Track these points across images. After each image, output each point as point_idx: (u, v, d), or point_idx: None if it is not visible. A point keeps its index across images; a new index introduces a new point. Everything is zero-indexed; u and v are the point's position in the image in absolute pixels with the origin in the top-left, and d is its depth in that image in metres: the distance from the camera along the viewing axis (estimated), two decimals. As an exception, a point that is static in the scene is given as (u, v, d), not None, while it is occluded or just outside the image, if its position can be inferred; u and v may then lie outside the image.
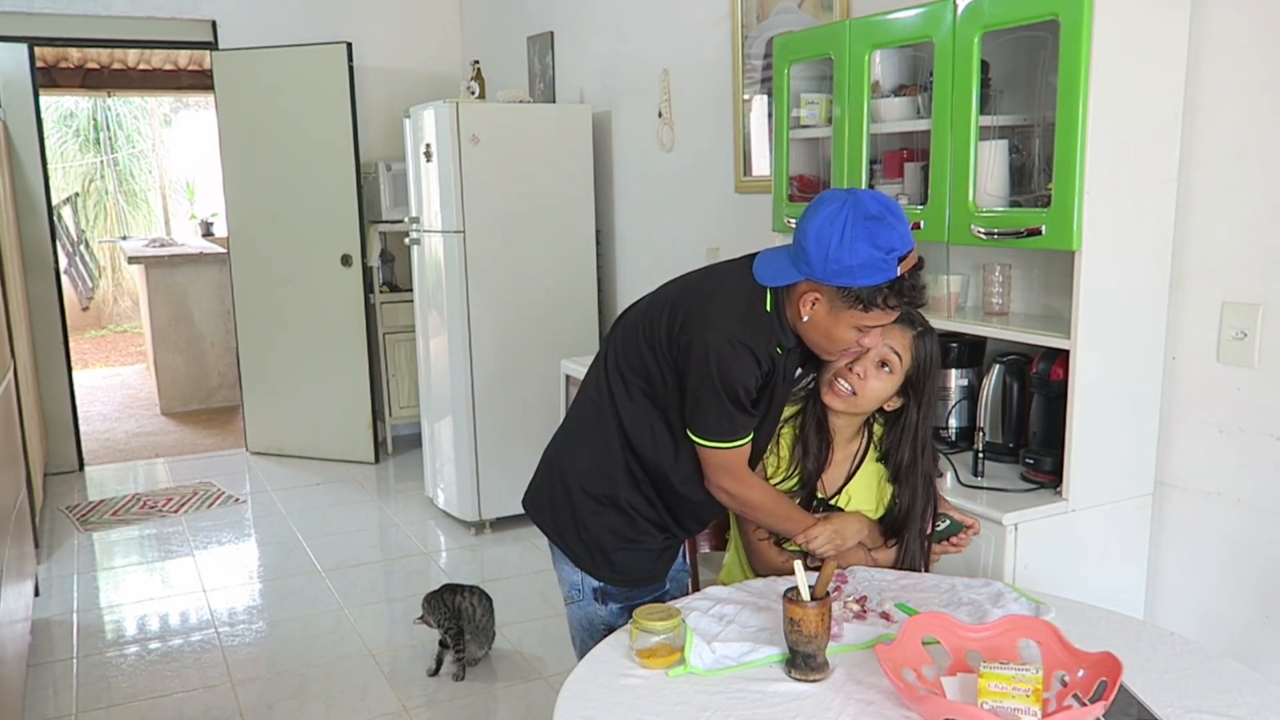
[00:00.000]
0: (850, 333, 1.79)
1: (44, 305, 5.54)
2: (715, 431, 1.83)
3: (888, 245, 1.68)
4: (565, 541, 2.01)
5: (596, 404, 1.99)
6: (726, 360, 1.78)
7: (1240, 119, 2.13)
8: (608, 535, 1.97)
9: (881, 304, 1.73)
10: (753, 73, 3.62)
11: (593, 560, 1.99)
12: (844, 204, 1.71)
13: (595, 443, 1.98)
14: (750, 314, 1.82)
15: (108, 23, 5.42)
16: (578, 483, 1.99)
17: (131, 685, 3.26)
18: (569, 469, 2.01)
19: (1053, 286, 2.50)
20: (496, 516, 4.50)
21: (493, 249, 4.36)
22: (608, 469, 1.96)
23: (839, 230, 1.68)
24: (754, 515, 1.96)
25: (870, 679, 1.52)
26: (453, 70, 6.02)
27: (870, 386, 1.92)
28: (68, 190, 11.56)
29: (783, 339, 1.84)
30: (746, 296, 1.83)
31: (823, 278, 1.72)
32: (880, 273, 1.69)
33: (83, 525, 4.79)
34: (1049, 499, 2.23)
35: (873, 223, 1.68)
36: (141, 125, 12.46)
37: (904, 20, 2.45)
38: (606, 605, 2.00)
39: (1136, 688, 1.47)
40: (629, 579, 1.99)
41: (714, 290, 1.87)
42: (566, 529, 2.01)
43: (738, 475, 1.89)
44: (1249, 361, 2.16)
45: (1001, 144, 2.35)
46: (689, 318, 1.83)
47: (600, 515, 1.97)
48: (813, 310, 1.78)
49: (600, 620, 2.00)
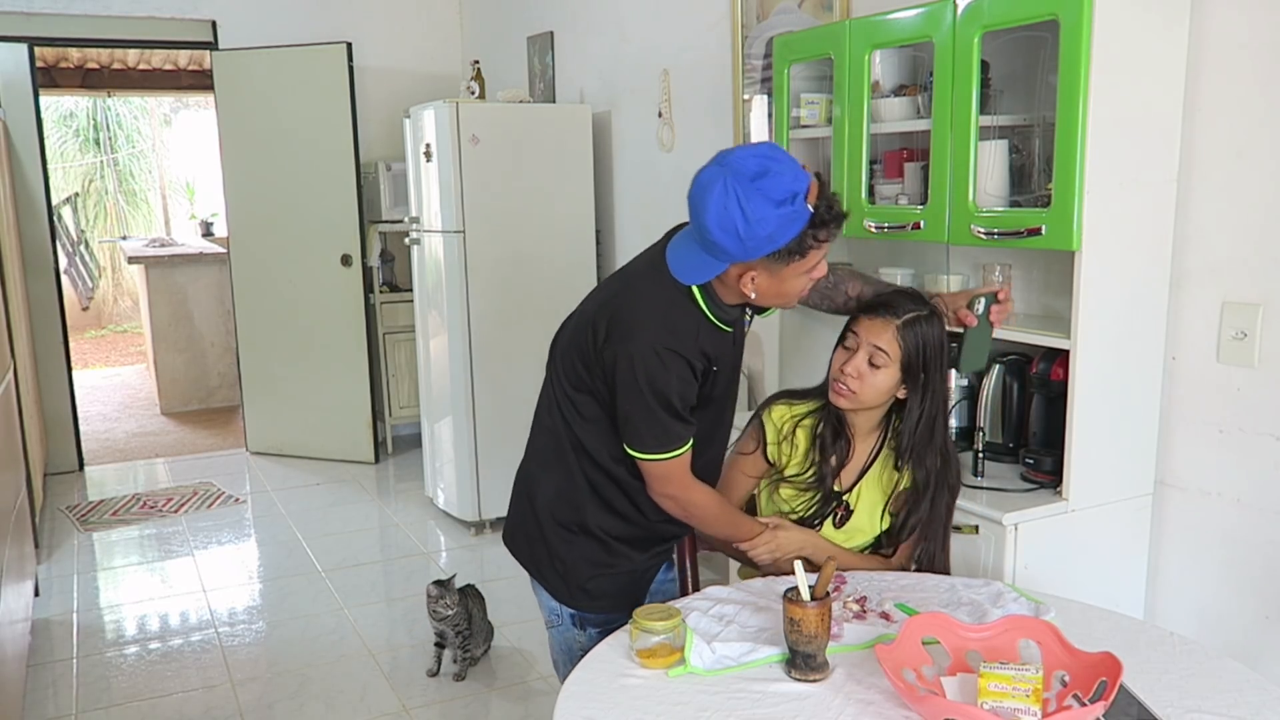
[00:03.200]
0: (801, 279, 1.77)
1: (44, 305, 5.54)
2: (652, 444, 1.80)
3: (787, 194, 1.62)
4: (541, 573, 2.00)
5: (552, 431, 1.95)
6: (654, 370, 1.74)
7: (1240, 119, 2.13)
8: (583, 564, 1.95)
9: (814, 244, 1.69)
10: (753, 73, 3.62)
11: (569, 591, 1.97)
12: (724, 180, 1.63)
13: (557, 470, 1.95)
14: (673, 315, 1.77)
15: (108, 23, 5.42)
16: (546, 513, 1.97)
17: (131, 685, 3.26)
18: (537, 500, 1.99)
19: (1053, 286, 2.50)
20: (496, 516, 4.49)
21: (493, 249, 4.36)
22: (572, 496, 1.94)
23: (735, 207, 1.61)
24: (700, 522, 1.94)
25: (870, 679, 1.52)
26: (453, 70, 6.02)
27: (868, 383, 1.93)
28: (68, 190, 11.56)
29: (722, 314, 1.80)
30: (668, 297, 1.78)
31: (747, 256, 1.68)
32: (795, 223, 1.65)
33: (83, 525, 4.79)
34: (1049, 499, 2.23)
35: (760, 181, 1.61)
36: (141, 125, 12.45)
37: (904, 20, 2.45)
38: (585, 630, 1.98)
39: (1136, 688, 1.46)
40: (606, 605, 1.96)
41: (632, 299, 1.81)
42: (541, 560, 1.99)
43: (681, 483, 1.86)
44: (1249, 361, 2.16)
45: (1001, 144, 2.35)
46: (610, 330, 1.78)
47: (573, 544, 1.95)
48: (755, 285, 1.74)
49: (579, 645, 1.97)
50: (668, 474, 1.84)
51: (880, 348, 1.92)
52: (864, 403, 1.96)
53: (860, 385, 1.93)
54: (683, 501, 1.89)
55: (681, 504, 1.89)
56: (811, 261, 1.74)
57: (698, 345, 1.78)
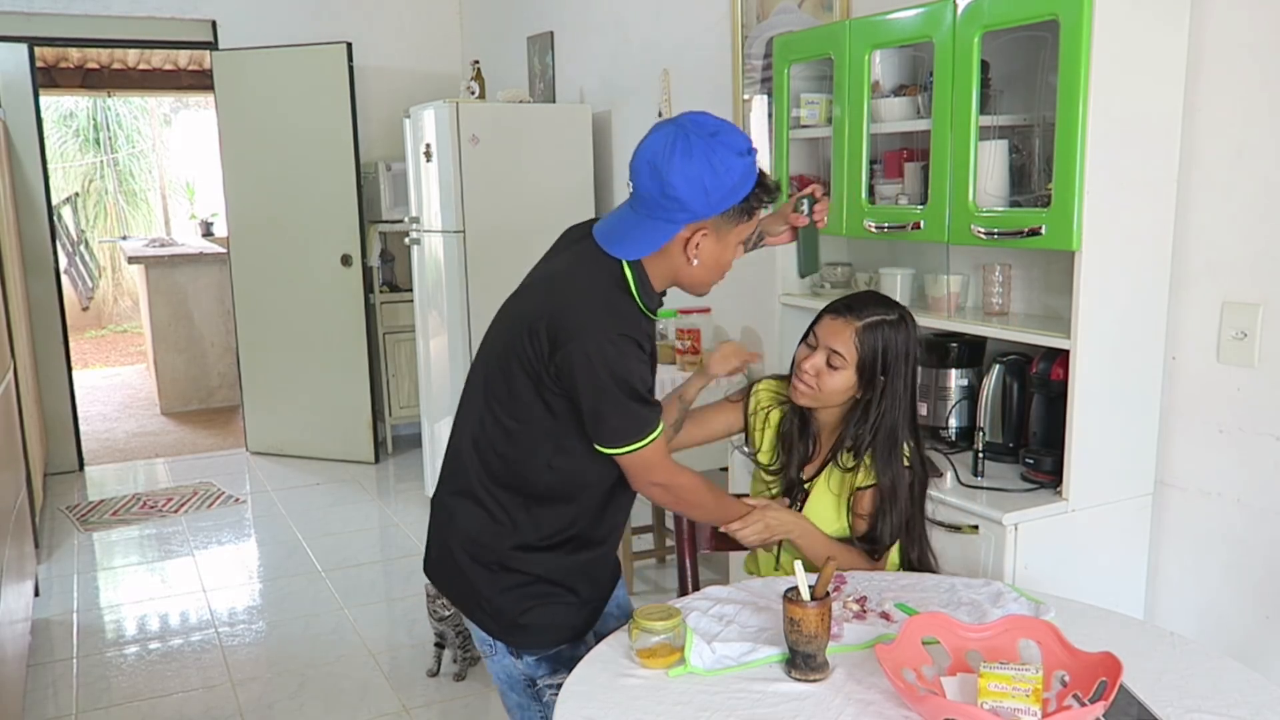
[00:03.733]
0: (735, 251, 1.77)
1: (44, 305, 5.55)
2: (626, 435, 1.72)
3: (744, 147, 1.66)
4: (469, 611, 1.86)
5: (470, 459, 1.82)
6: (612, 359, 1.68)
7: (1240, 119, 2.13)
8: (512, 601, 1.81)
9: (758, 205, 1.71)
10: (753, 73, 3.62)
11: (501, 629, 1.83)
12: (686, 137, 1.64)
13: (473, 503, 1.81)
14: (614, 298, 1.73)
15: (108, 23, 5.42)
16: (463, 551, 1.83)
17: (131, 685, 3.26)
18: (453, 535, 1.85)
19: (1053, 286, 2.50)
20: (496, 516, 4.49)
21: (493, 249, 4.36)
22: (493, 531, 1.80)
23: (703, 160, 1.63)
24: (690, 507, 1.89)
25: (870, 679, 1.52)
26: (453, 70, 6.02)
27: (825, 383, 1.95)
28: (68, 190, 11.56)
29: (649, 299, 1.76)
30: (605, 281, 1.73)
31: (709, 212, 1.67)
32: (751, 175, 1.68)
33: (83, 525, 4.79)
34: (1049, 499, 2.23)
35: (721, 134, 1.65)
36: (141, 125, 12.46)
37: (904, 20, 2.45)
38: (522, 658, 1.85)
39: (1136, 688, 1.46)
40: (547, 640, 1.83)
41: (570, 296, 1.74)
42: (467, 597, 1.85)
43: (665, 469, 1.79)
44: (1249, 361, 2.16)
45: (1001, 144, 2.34)
46: (557, 334, 1.69)
47: (496, 582, 1.81)
48: (699, 250, 1.71)
49: (520, 673, 1.86)
50: (649, 462, 1.76)
51: (837, 350, 1.93)
52: (822, 401, 1.99)
53: (818, 384, 1.96)
54: (671, 488, 1.81)
55: (670, 490, 1.82)
56: (752, 227, 1.76)
57: (643, 328, 1.74)
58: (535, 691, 1.88)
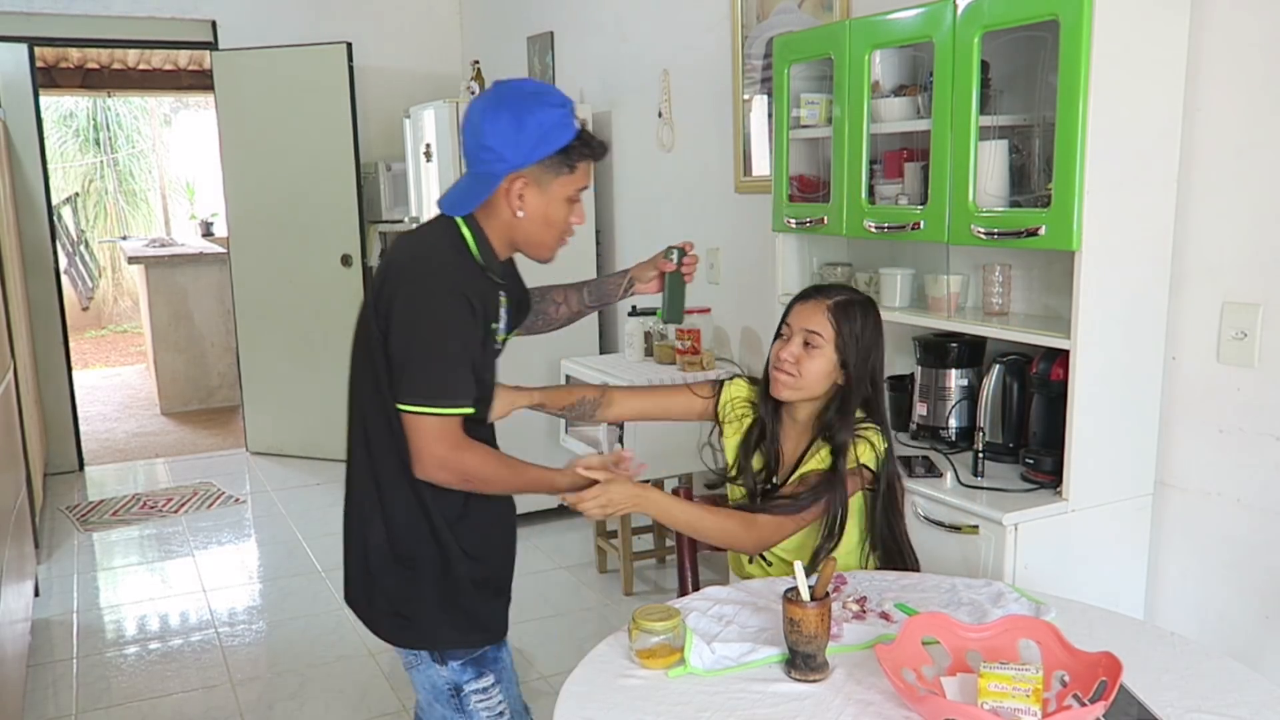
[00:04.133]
0: (564, 208, 1.76)
1: (44, 305, 5.55)
2: (426, 392, 1.64)
3: (559, 101, 1.71)
4: (384, 626, 1.85)
5: (363, 472, 1.82)
6: (433, 307, 1.65)
7: (1240, 119, 2.13)
8: (427, 602, 1.79)
9: (580, 157, 1.72)
10: (753, 73, 3.62)
11: (424, 636, 1.81)
12: (500, 96, 1.70)
13: (375, 511, 1.81)
14: (445, 254, 1.72)
15: (108, 23, 5.42)
16: (377, 558, 1.81)
17: (131, 685, 3.26)
18: (365, 548, 1.83)
19: (1053, 286, 2.50)
20: (496, 516, 4.49)
21: (493, 249, 4.35)
22: (400, 533, 1.79)
23: (510, 112, 1.67)
24: (482, 484, 1.76)
25: (870, 679, 1.52)
26: (453, 70, 6.02)
27: (805, 368, 1.95)
28: (68, 190, 11.56)
29: (491, 262, 1.76)
30: (438, 239, 1.75)
31: (523, 159, 1.69)
32: (567, 126, 1.70)
33: (83, 525, 4.79)
34: (1049, 499, 2.23)
35: (537, 93, 1.70)
36: (141, 125, 12.46)
37: (904, 20, 2.45)
38: (447, 664, 1.83)
39: (1136, 688, 1.46)
40: (476, 640, 1.83)
41: (406, 250, 1.76)
42: (382, 610, 1.83)
43: (453, 443, 1.68)
44: (1249, 361, 2.16)
45: (1001, 144, 2.34)
46: (392, 289, 1.69)
47: (412, 583, 1.79)
48: (523, 201, 1.72)
49: (445, 681, 1.84)
50: (441, 432, 1.66)
51: (813, 330, 1.95)
52: (805, 389, 1.97)
53: (798, 370, 1.95)
54: (454, 464, 1.69)
55: (455, 468, 1.70)
56: (576, 181, 1.75)
57: (478, 289, 1.71)
58: (460, 701, 1.83)
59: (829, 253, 3.04)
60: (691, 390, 2.17)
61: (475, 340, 1.72)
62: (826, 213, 2.77)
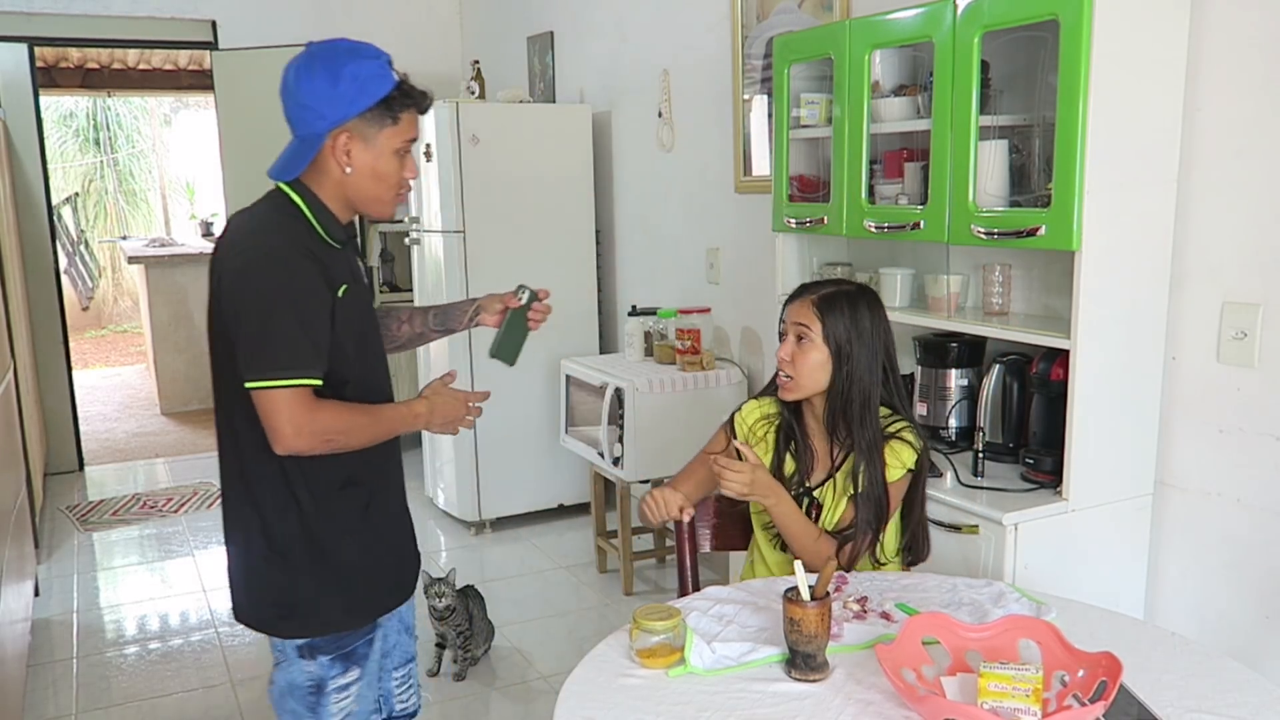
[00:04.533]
0: (393, 160, 1.73)
1: (44, 305, 5.54)
2: (268, 366, 1.60)
3: (374, 54, 1.70)
4: (269, 621, 1.82)
5: (238, 464, 1.80)
6: (268, 274, 1.62)
7: (1240, 119, 2.13)
8: (299, 584, 1.77)
9: (402, 107, 1.70)
10: (753, 73, 3.62)
11: (310, 623, 1.78)
12: (312, 55, 1.69)
13: (249, 507, 1.79)
14: (276, 220, 1.71)
15: (108, 23, 5.42)
16: (255, 552, 1.79)
17: (131, 685, 3.26)
18: (245, 546, 1.81)
19: (1053, 286, 2.50)
20: (496, 516, 4.49)
21: (493, 249, 4.36)
22: (273, 519, 1.76)
23: (326, 68, 1.67)
24: (346, 442, 1.70)
25: (870, 679, 1.52)
26: (453, 70, 6.02)
27: (800, 364, 1.97)
28: (68, 190, 11.55)
29: (330, 225, 1.73)
30: (268, 209, 1.73)
31: (342, 113, 1.67)
32: (385, 77, 1.68)
33: (83, 525, 4.79)
34: (1049, 499, 2.23)
35: (351, 49, 1.69)
36: (141, 125, 12.46)
37: (904, 20, 2.45)
38: (316, 659, 1.79)
39: (1136, 688, 1.46)
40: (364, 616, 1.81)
41: (235, 229, 1.74)
42: (265, 608, 1.81)
43: (304, 408, 1.63)
44: (1249, 361, 2.16)
45: (1001, 144, 2.35)
46: (221, 269, 1.68)
47: (285, 568, 1.77)
48: (350, 157, 1.70)
49: (305, 679, 1.80)
50: (289, 403, 1.62)
51: (801, 323, 1.97)
52: (804, 387, 1.98)
53: (795, 368, 1.97)
54: (308, 428, 1.63)
55: (311, 431, 1.64)
56: (401, 132, 1.72)
57: (308, 249, 1.68)
58: (317, 699, 1.80)
59: (829, 253, 3.04)
60: (712, 449, 2.15)
61: (316, 308, 1.66)
62: (826, 213, 2.77)
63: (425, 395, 1.83)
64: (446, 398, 1.84)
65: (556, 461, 4.56)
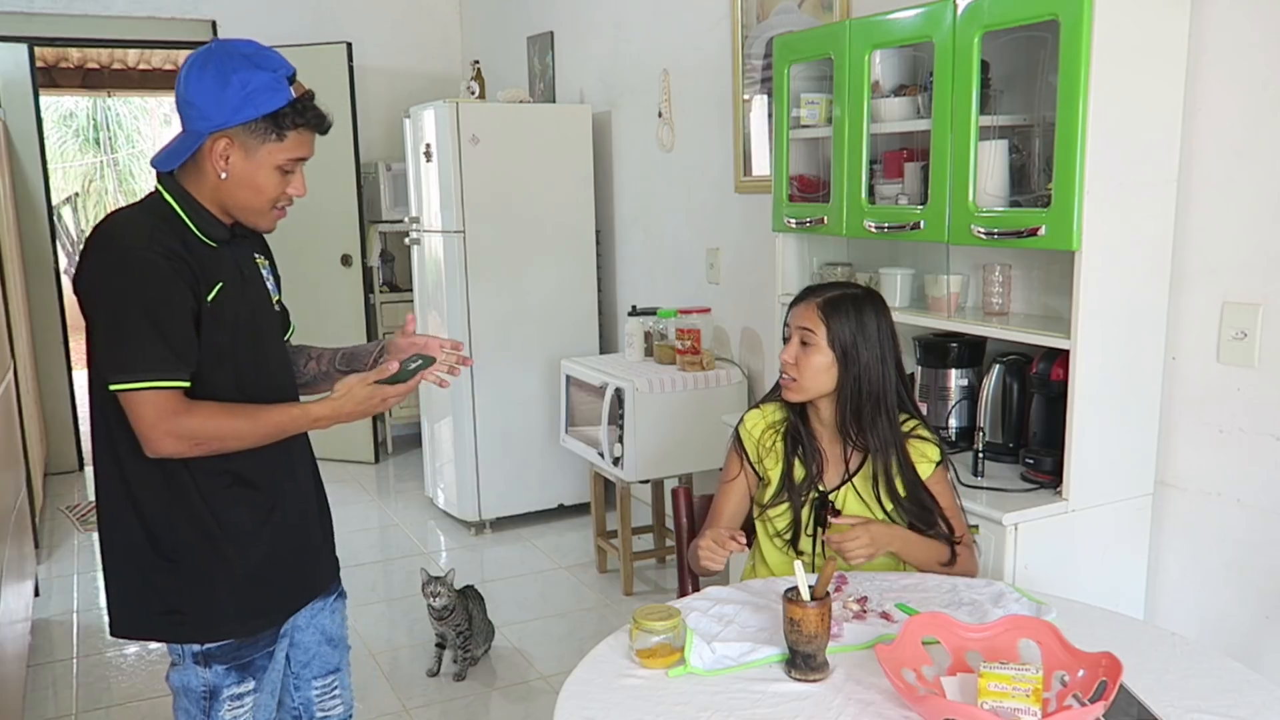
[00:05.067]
0: (273, 175, 1.67)
1: (44, 305, 5.54)
2: (129, 367, 1.57)
3: (272, 66, 1.64)
4: (158, 629, 1.77)
5: (115, 466, 1.72)
6: (113, 279, 1.58)
7: (1240, 119, 2.13)
8: (188, 589, 1.72)
9: (292, 125, 1.65)
10: (753, 73, 3.62)
11: (202, 627, 1.73)
12: (210, 53, 1.64)
13: (129, 511, 1.72)
14: (140, 221, 1.65)
15: (108, 23, 5.42)
16: (135, 556, 1.73)
17: (131, 685, 3.26)
18: (132, 551, 1.74)
19: (1053, 286, 2.50)
20: (496, 516, 4.50)
21: (493, 249, 4.36)
22: (165, 524, 1.71)
23: (218, 70, 1.62)
24: (221, 444, 1.65)
25: (870, 679, 1.52)
26: (453, 70, 6.02)
27: (804, 367, 1.95)
28: (68, 190, 11.57)
29: (204, 223, 1.67)
30: (140, 210, 1.68)
31: (225, 119, 1.62)
32: (277, 93, 1.63)
33: (83, 525, 4.79)
34: (1049, 499, 2.23)
35: (251, 56, 1.64)
36: (141, 125, 12.48)
37: (904, 20, 2.45)
38: (211, 666, 1.75)
39: (1137, 688, 1.46)
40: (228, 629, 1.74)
41: (99, 227, 1.68)
42: (155, 616, 1.75)
43: (172, 409, 1.59)
44: (1249, 361, 2.16)
45: (1001, 144, 2.35)
46: (78, 268, 1.63)
47: (173, 572, 1.71)
48: (228, 164, 1.65)
49: (200, 685, 1.76)
50: (154, 405, 1.58)
51: (805, 327, 1.96)
52: (808, 389, 1.97)
53: (799, 371, 1.96)
54: (178, 431, 1.59)
55: (180, 434, 1.60)
56: (287, 150, 1.66)
57: (175, 252, 1.62)
58: (211, 705, 1.77)
59: (829, 253, 3.04)
60: (728, 480, 2.10)
61: (171, 309, 1.61)
62: (826, 213, 2.77)
63: (336, 394, 1.71)
64: (360, 395, 1.71)
65: (556, 461, 4.56)
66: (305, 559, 1.89)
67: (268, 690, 1.83)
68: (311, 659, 1.96)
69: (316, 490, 1.96)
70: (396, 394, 1.74)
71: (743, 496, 2.09)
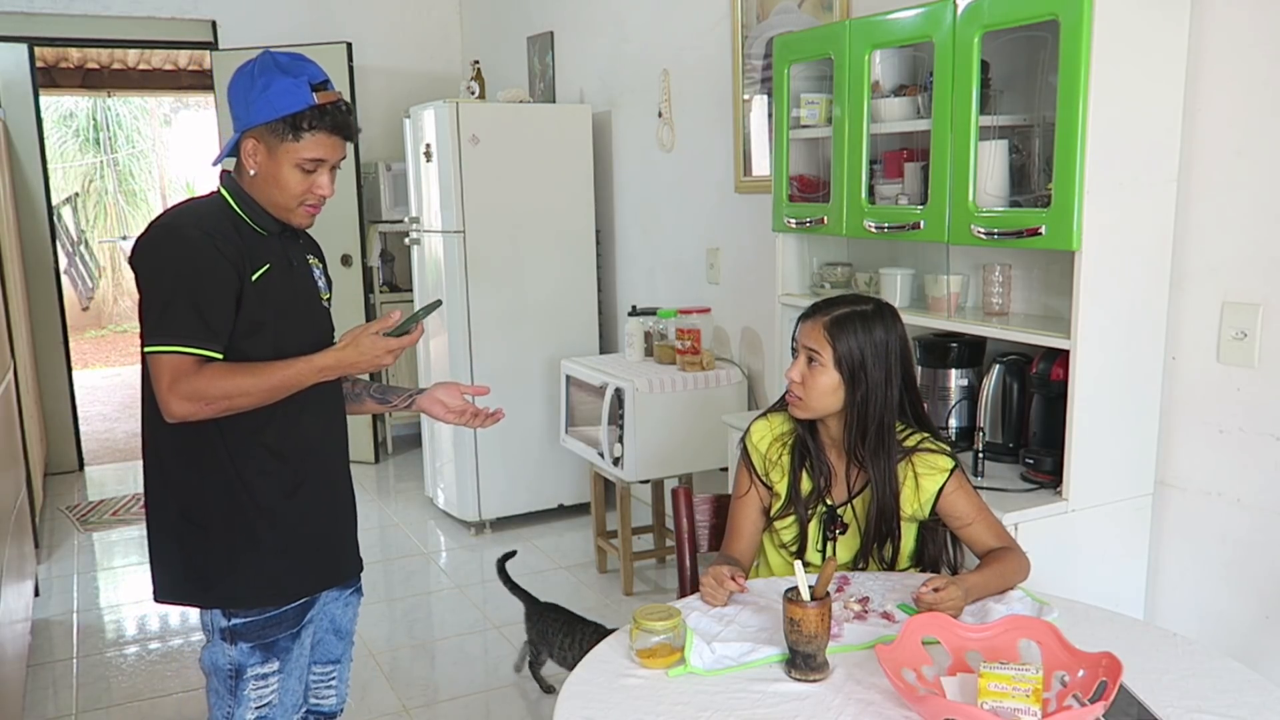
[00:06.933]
0: (294, 173, 1.78)
1: (44, 305, 5.54)
2: (154, 331, 1.68)
3: (297, 73, 1.77)
4: (193, 594, 1.86)
5: (153, 445, 1.83)
6: (157, 255, 1.72)
7: (1240, 119, 2.13)
8: (217, 557, 1.81)
9: (309, 128, 1.75)
10: (753, 73, 3.62)
11: (224, 594, 1.82)
12: (253, 60, 1.79)
13: (165, 481, 1.84)
14: (200, 208, 1.80)
15: (108, 23, 5.42)
16: (177, 527, 1.83)
17: (131, 685, 3.26)
18: (172, 521, 1.84)
19: (1053, 286, 2.50)
20: (496, 516, 4.50)
21: (493, 249, 4.36)
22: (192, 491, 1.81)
23: (252, 76, 1.76)
24: (235, 400, 1.71)
25: (870, 679, 1.52)
26: (453, 70, 6.02)
27: (810, 386, 1.91)
28: (68, 190, 11.56)
29: (254, 214, 1.80)
30: (197, 200, 1.84)
31: (251, 120, 1.76)
32: (296, 96, 1.74)
33: (83, 525, 4.79)
34: (1049, 499, 2.23)
35: (285, 65, 1.77)
36: (141, 125, 12.47)
37: (904, 20, 2.45)
38: (237, 645, 1.84)
39: (1137, 688, 1.46)
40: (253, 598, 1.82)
41: (158, 217, 1.83)
42: (192, 583, 1.84)
43: (186, 372, 1.67)
44: (1249, 361, 2.16)
45: (1001, 144, 2.35)
46: (133, 246, 1.79)
47: (205, 538, 1.81)
48: (256, 161, 1.78)
49: (227, 662, 1.85)
50: (170, 369, 1.67)
51: (812, 347, 1.92)
52: (814, 408, 1.93)
53: (804, 390, 1.91)
54: (190, 391, 1.67)
55: (193, 394, 1.67)
56: (305, 149, 1.76)
57: (229, 236, 1.75)
58: (236, 684, 1.85)
59: (829, 253, 3.04)
60: (741, 496, 2.06)
61: (212, 283, 1.71)
62: (826, 213, 2.77)
63: (340, 344, 1.83)
64: (365, 345, 1.82)
65: (556, 461, 4.56)
66: (331, 544, 1.97)
67: (294, 675, 1.91)
68: (316, 644, 2.03)
69: (346, 480, 2.03)
70: (400, 345, 1.83)
71: (757, 511, 2.05)
